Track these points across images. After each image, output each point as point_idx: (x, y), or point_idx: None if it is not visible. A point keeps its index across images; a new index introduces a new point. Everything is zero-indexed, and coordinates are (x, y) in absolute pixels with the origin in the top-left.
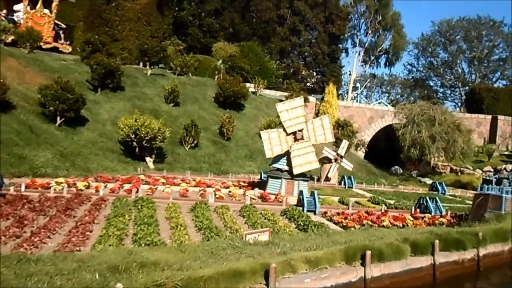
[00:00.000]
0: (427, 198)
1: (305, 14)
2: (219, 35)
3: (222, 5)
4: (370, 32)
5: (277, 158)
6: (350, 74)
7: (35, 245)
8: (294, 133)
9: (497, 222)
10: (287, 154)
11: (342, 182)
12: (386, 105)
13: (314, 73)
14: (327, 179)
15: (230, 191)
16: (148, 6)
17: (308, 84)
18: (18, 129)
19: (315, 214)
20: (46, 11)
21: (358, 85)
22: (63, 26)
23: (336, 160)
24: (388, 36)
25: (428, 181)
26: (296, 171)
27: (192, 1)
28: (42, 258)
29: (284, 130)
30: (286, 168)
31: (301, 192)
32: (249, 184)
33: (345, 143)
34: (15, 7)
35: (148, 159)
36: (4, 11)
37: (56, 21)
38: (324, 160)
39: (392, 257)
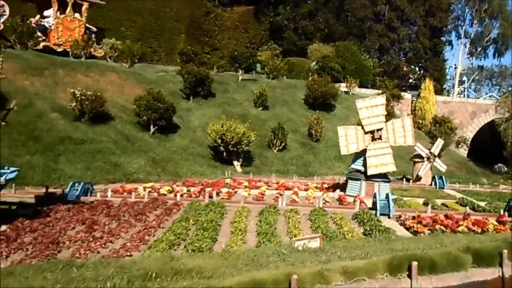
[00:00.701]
0: None
1: (403, 9)
2: (314, 37)
3: (316, 7)
4: (475, 22)
5: (356, 159)
6: (455, 68)
7: (91, 250)
8: (372, 132)
9: None
10: (364, 153)
11: (433, 182)
12: (497, 99)
13: (416, 69)
14: (418, 178)
15: (308, 194)
16: (245, 14)
17: (411, 80)
18: (115, 139)
19: (389, 217)
20: (76, 15)
21: (464, 78)
22: (94, 29)
23: (428, 158)
24: (496, 24)
25: None
26: (370, 171)
27: (287, 6)
28: (86, 263)
29: (362, 128)
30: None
31: (374, 195)
32: (333, 186)
33: (439, 142)
34: (45, 13)
35: (235, 162)
36: (37, 16)
37: (87, 25)
38: (416, 159)
39: (447, 268)
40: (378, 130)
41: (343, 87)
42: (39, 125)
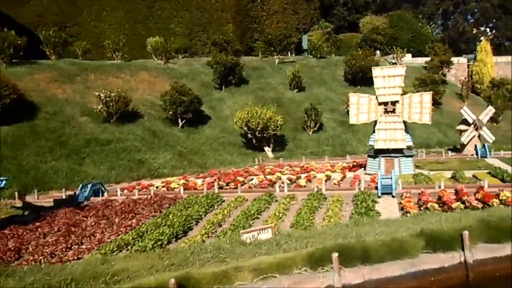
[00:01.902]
0: None
1: None
2: (365, 9)
3: None
4: None
5: (373, 134)
6: None
7: (48, 255)
8: (385, 104)
9: None
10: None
11: (476, 151)
12: None
13: (487, 30)
14: (463, 146)
15: (326, 175)
16: None
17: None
18: (142, 136)
19: (393, 196)
20: None
21: None
22: None
23: (475, 125)
24: None
25: None
26: (377, 145)
27: None
28: (18, 271)
29: (377, 98)
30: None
31: (381, 174)
32: (361, 165)
33: (489, 110)
34: None
35: (266, 148)
36: None
37: None
38: (462, 126)
39: (388, 256)
40: (392, 102)
41: (390, 58)
42: (66, 130)
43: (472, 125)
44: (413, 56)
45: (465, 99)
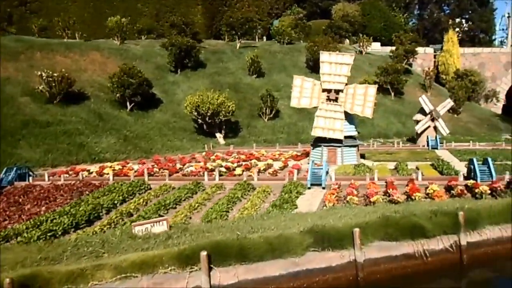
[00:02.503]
0: (475, 160)
1: None
2: None
3: None
4: None
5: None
6: (509, 17)
7: None
8: (329, 91)
9: None
10: None
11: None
12: None
13: (463, 22)
14: (418, 136)
15: (267, 164)
16: None
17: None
18: (86, 118)
19: (323, 188)
20: None
21: None
22: None
23: (431, 115)
24: None
25: None
26: (314, 132)
27: None
28: None
29: (321, 84)
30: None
31: (312, 163)
32: (307, 154)
33: (448, 102)
34: None
35: (218, 135)
36: None
37: None
38: (419, 117)
39: (267, 255)
40: (336, 91)
41: (358, 46)
42: (4, 110)
43: (429, 115)
44: (384, 45)
45: (428, 89)
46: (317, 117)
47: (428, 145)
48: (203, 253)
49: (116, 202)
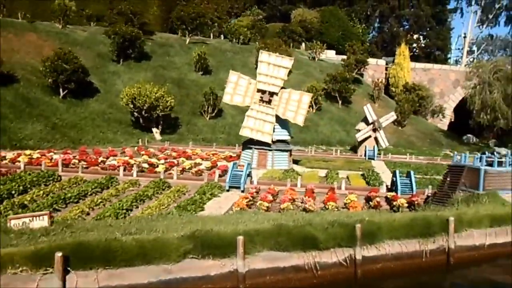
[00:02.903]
0: (397, 173)
1: None
2: (298, 1)
3: None
4: None
5: None
6: (465, 37)
7: None
8: (264, 92)
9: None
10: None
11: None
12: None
13: (421, 38)
14: (359, 145)
15: (195, 163)
16: None
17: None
18: (12, 102)
19: (243, 191)
20: None
21: (474, 48)
22: None
23: (373, 125)
24: None
25: (504, 151)
26: (242, 132)
27: None
28: None
29: (257, 83)
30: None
31: (233, 165)
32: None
33: (391, 115)
34: None
35: (154, 130)
36: None
37: None
38: (361, 126)
39: (139, 260)
40: (271, 93)
41: (308, 53)
42: None
43: (371, 125)
44: (340, 54)
45: (376, 100)
46: (248, 117)
47: (365, 155)
48: (58, 254)
49: (13, 192)
